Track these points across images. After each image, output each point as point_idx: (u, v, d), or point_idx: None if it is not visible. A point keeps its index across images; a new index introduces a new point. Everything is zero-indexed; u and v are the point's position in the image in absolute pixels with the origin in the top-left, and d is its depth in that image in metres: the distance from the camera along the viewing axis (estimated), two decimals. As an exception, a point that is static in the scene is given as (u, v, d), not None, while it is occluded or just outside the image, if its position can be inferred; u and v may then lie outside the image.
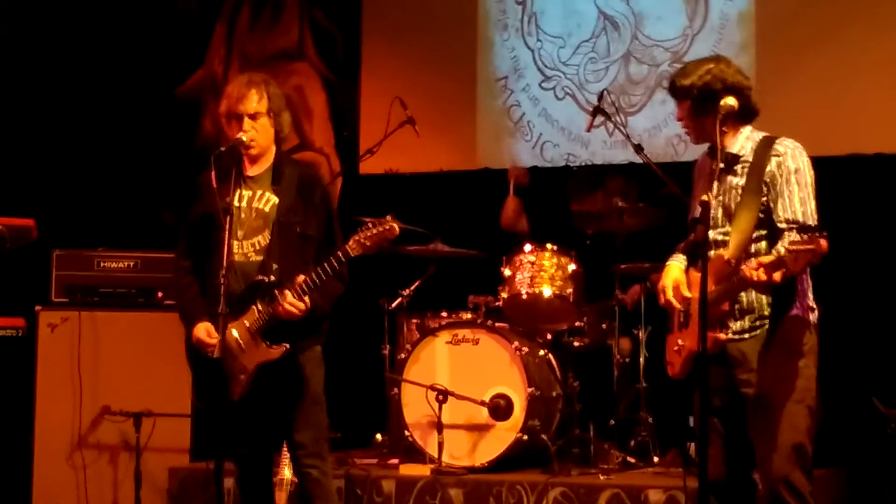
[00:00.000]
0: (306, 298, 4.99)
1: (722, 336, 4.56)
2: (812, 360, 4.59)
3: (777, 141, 4.67)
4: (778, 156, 4.61)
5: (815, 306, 4.64)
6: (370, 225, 4.98)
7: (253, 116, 5.09)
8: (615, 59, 8.10)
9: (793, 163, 4.59)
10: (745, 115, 4.70)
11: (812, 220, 4.53)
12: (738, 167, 4.67)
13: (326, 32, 8.85)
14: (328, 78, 8.83)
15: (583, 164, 7.97)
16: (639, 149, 6.64)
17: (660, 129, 7.92)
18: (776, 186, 4.58)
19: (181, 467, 6.78)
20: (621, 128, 6.90)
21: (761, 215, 4.60)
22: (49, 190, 8.09)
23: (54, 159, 8.34)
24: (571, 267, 6.75)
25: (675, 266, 4.80)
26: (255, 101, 5.09)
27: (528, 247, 6.81)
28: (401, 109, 7.18)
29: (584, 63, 8.17)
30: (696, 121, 4.73)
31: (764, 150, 4.64)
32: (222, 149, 5.09)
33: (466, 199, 8.05)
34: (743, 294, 4.57)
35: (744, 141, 4.68)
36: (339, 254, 4.99)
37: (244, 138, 5.06)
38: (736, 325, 4.61)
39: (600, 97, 6.81)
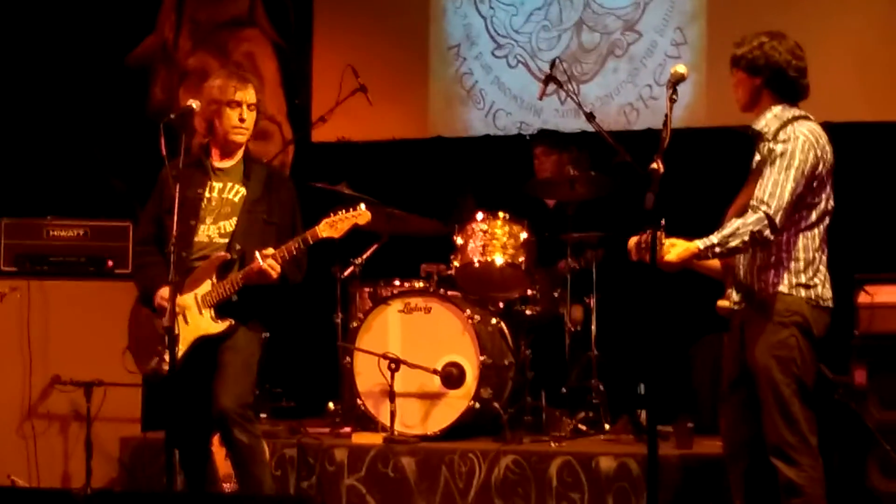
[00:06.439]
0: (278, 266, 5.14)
1: (722, 303, 4.82)
2: (795, 331, 4.71)
3: (792, 123, 4.72)
4: (776, 141, 4.68)
5: (810, 283, 4.72)
6: (343, 210, 5.12)
7: (251, 107, 5.34)
8: (567, 28, 8.10)
9: (781, 146, 4.66)
10: (782, 93, 4.77)
11: (773, 198, 4.59)
12: (762, 145, 4.75)
13: (278, -1, 8.79)
14: (279, 45, 8.77)
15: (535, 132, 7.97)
16: (591, 117, 6.64)
17: (612, 98, 7.94)
18: (764, 168, 4.69)
19: (132, 437, 6.74)
20: (573, 96, 6.90)
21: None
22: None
23: (1, 127, 8.24)
24: (523, 235, 6.75)
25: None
26: (252, 94, 5.36)
27: (480, 215, 6.80)
28: (353, 77, 7.15)
29: (536, 31, 8.17)
30: (743, 91, 4.82)
31: (777, 132, 4.72)
32: (172, 116, 5.17)
33: (418, 167, 8.06)
34: (740, 267, 4.76)
35: (770, 119, 4.76)
36: (308, 235, 5.12)
37: (194, 105, 5.17)
38: (735, 296, 4.80)
39: (552, 65, 6.80)
